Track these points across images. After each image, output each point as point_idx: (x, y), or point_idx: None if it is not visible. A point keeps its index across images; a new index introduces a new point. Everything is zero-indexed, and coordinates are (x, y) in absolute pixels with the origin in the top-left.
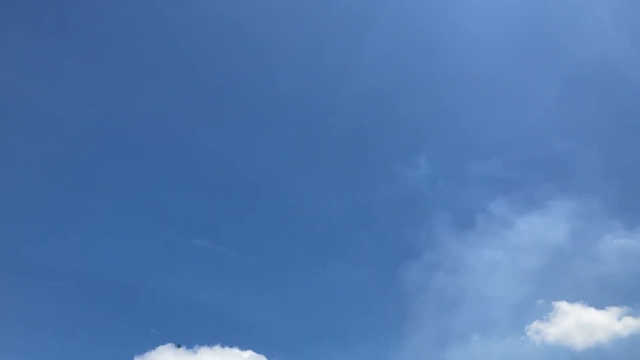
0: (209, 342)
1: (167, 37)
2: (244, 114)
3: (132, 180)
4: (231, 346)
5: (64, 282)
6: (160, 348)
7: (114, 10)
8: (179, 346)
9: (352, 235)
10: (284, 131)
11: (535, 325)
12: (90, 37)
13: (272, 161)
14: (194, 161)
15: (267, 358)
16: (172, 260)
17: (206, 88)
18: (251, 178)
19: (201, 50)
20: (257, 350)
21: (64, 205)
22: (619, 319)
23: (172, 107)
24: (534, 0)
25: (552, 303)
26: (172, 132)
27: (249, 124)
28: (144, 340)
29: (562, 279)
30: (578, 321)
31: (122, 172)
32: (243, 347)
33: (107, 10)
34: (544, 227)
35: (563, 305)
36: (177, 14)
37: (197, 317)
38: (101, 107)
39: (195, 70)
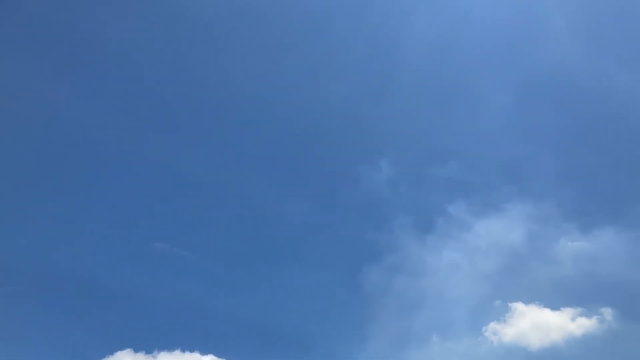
0: (169, 346)
1: (129, 34)
2: (204, 117)
3: (89, 181)
4: (192, 350)
5: (15, 285)
6: (119, 353)
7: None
8: None
9: (313, 238)
10: (244, 134)
11: (493, 326)
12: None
13: (232, 164)
14: (152, 163)
15: None
16: (131, 263)
17: (163, 90)
18: (211, 181)
19: (165, 51)
20: (218, 354)
21: (16, 205)
22: (573, 319)
23: (127, 110)
24: (491, 8)
25: (509, 304)
26: (129, 134)
27: (209, 127)
28: (101, 345)
29: (518, 281)
30: (534, 322)
31: (79, 172)
32: (204, 352)
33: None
34: (501, 230)
35: (519, 306)
36: (142, 12)
37: (156, 321)
38: (53, 108)
39: (157, 71)
